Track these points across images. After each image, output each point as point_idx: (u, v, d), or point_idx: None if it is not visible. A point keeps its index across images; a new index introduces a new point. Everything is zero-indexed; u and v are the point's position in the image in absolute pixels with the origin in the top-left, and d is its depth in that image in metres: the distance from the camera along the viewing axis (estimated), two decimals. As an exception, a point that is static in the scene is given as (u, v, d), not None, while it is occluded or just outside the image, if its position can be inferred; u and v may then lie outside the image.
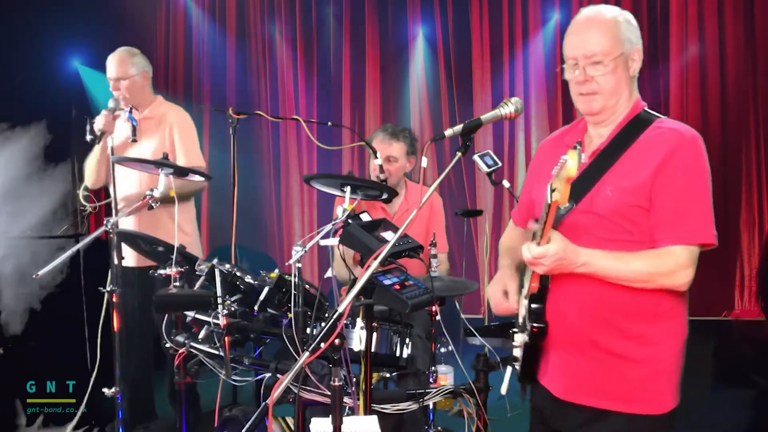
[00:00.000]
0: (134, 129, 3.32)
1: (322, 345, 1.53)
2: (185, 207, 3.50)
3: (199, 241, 3.68)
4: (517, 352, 1.90)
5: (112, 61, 3.46)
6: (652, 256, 1.68)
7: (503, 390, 2.00)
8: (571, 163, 1.43)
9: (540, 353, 1.85)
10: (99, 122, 3.27)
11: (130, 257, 3.26)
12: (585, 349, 1.77)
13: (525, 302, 1.83)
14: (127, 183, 3.42)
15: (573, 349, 1.78)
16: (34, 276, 2.64)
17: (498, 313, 1.96)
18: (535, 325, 1.77)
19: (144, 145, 3.42)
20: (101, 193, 3.91)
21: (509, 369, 1.96)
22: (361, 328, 2.27)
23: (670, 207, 1.68)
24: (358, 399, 2.05)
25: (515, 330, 1.92)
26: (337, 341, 1.56)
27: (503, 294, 1.93)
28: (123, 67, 3.44)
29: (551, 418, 1.89)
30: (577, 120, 1.96)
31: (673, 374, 1.76)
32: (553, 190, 1.47)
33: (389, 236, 1.93)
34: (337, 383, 1.72)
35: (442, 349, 2.86)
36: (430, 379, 2.62)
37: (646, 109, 1.83)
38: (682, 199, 1.68)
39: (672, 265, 1.67)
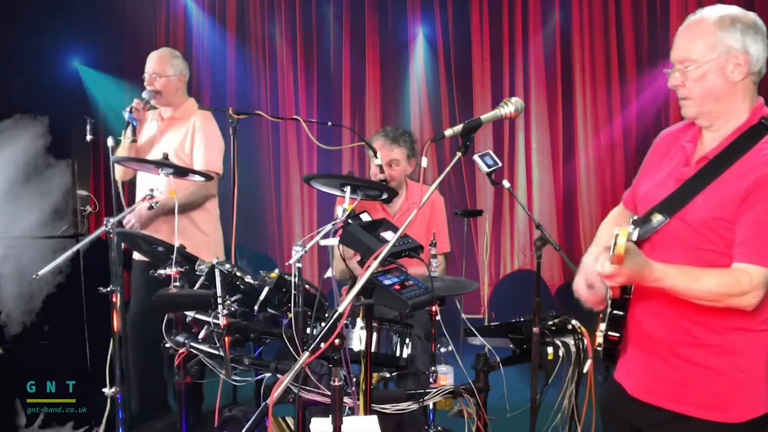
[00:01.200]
0: (134, 129, 3.34)
1: (322, 345, 1.54)
2: (207, 208, 3.57)
3: (221, 241, 3.69)
4: (600, 340, 1.91)
5: (153, 58, 3.56)
6: (724, 275, 1.63)
7: (586, 369, 2.00)
8: (618, 248, 1.44)
9: (619, 352, 1.87)
10: (140, 115, 3.37)
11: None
12: (664, 355, 1.78)
13: (609, 302, 1.85)
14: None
15: (652, 354, 1.80)
16: (34, 276, 2.64)
17: (589, 306, 1.94)
18: (611, 333, 1.81)
19: (164, 145, 3.44)
20: (125, 186, 3.92)
21: (592, 353, 1.97)
22: (361, 328, 2.27)
23: (756, 225, 1.63)
24: (358, 399, 2.06)
25: (602, 316, 1.91)
26: (337, 341, 1.56)
27: (588, 288, 1.89)
28: (162, 65, 3.53)
29: (626, 414, 1.90)
30: None
31: (755, 383, 1.73)
32: (614, 244, 1.46)
33: (389, 236, 1.93)
34: (337, 383, 1.72)
35: (442, 349, 2.86)
36: (430, 379, 2.62)
37: (763, 119, 1.74)
38: None
39: (746, 285, 1.61)
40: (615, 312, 1.81)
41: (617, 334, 1.81)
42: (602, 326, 1.90)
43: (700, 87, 1.72)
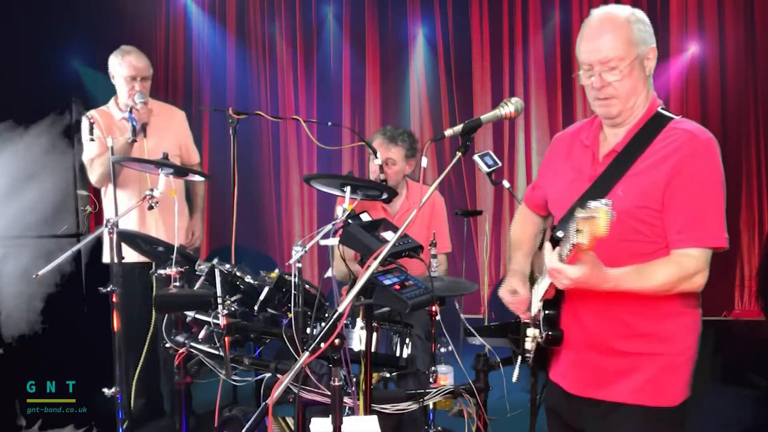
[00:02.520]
0: (134, 129, 3.32)
1: (322, 345, 1.53)
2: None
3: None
4: (529, 345, 1.92)
5: (142, 61, 3.53)
6: (670, 264, 1.69)
7: (514, 378, 2.02)
8: (603, 223, 1.43)
9: (552, 351, 1.88)
10: (142, 117, 3.38)
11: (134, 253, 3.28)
12: (602, 350, 1.79)
13: (540, 304, 1.85)
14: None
15: (589, 349, 1.81)
16: (34, 276, 2.64)
17: (515, 311, 1.97)
18: (549, 333, 1.80)
19: (160, 144, 3.44)
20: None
21: (519, 359, 1.97)
22: (361, 328, 2.27)
23: (686, 209, 1.69)
24: (358, 399, 2.06)
25: (527, 322, 1.93)
26: (337, 341, 1.55)
27: (511, 294, 1.94)
28: (147, 67, 3.56)
29: (566, 414, 1.91)
30: (592, 116, 1.94)
31: (686, 368, 1.79)
32: (578, 231, 1.46)
33: (389, 236, 1.93)
34: (337, 383, 1.72)
35: (442, 349, 2.86)
36: (430, 379, 2.62)
37: (660, 109, 1.82)
38: (699, 202, 1.69)
39: (693, 269, 1.68)
40: (548, 312, 1.82)
41: (557, 333, 1.81)
42: (531, 331, 1.90)
43: (629, 84, 1.75)
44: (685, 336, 1.79)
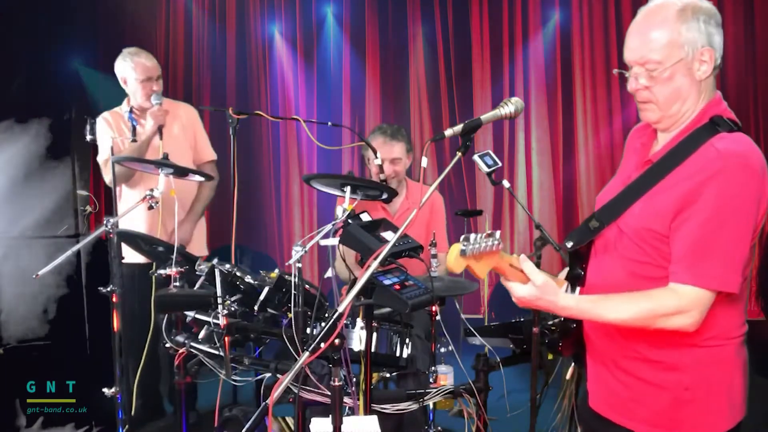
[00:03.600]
0: (134, 129, 3.33)
1: (322, 345, 1.53)
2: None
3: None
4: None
5: (152, 60, 3.51)
6: (646, 299, 1.54)
7: (568, 376, 2.01)
8: (450, 258, 1.46)
9: (582, 355, 1.82)
10: (159, 118, 3.37)
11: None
12: (611, 369, 1.73)
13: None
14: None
15: (601, 366, 1.76)
16: (34, 276, 2.64)
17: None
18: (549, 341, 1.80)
19: (171, 144, 3.43)
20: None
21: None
22: (361, 328, 2.27)
23: (689, 239, 1.50)
24: (358, 399, 2.06)
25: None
26: (337, 341, 1.56)
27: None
28: (158, 67, 3.54)
29: (588, 424, 1.87)
30: None
31: (704, 401, 1.62)
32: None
33: (389, 236, 1.93)
34: (337, 383, 1.72)
35: (442, 349, 2.86)
36: (430, 379, 2.62)
37: (715, 117, 1.57)
38: (706, 233, 1.48)
39: (672, 307, 1.51)
40: (566, 321, 1.77)
41: (553, 343, 1.80)
42: None
43: (667, 90, 1.57)
44: (698, 367, 1.61)
